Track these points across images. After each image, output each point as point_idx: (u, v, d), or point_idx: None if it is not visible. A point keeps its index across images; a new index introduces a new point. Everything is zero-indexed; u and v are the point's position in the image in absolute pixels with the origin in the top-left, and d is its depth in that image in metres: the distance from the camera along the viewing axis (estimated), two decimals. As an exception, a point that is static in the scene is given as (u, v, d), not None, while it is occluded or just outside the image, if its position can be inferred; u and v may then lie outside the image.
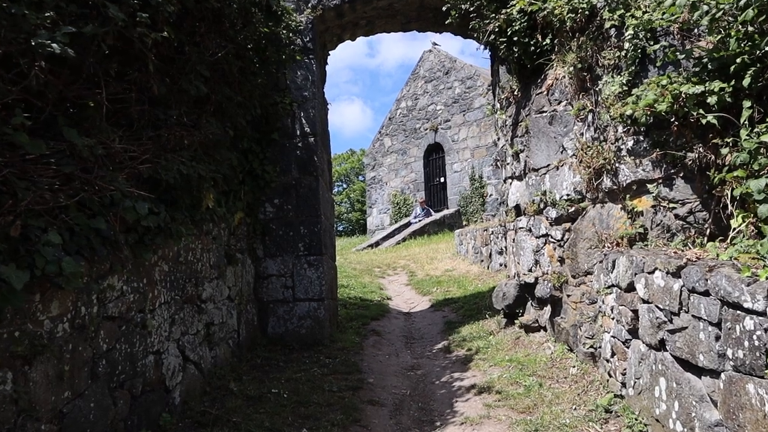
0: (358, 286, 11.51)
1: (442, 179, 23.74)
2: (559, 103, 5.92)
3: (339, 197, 56.65)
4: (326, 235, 7.43)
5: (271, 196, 7.20)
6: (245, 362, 6.12)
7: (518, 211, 6.82)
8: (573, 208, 5.62)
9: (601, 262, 4.96)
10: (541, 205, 6.14)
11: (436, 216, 22.27)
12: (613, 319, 4.61)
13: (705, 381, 3.19)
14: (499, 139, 7.64)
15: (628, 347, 4.28)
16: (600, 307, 5.00)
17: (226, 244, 6.13)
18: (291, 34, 7.03)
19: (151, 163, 4.01)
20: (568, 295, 5.73)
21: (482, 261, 12.43)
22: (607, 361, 4.73)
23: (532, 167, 6.37)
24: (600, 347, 5.02)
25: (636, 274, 4.03)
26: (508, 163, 7.11)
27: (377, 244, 21.62)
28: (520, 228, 6.67)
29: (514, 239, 6.94)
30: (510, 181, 7.08)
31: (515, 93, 7.03)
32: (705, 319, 3.12)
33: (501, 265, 11.22)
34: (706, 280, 3.10)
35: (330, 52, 8.65)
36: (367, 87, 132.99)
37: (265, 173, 7.12)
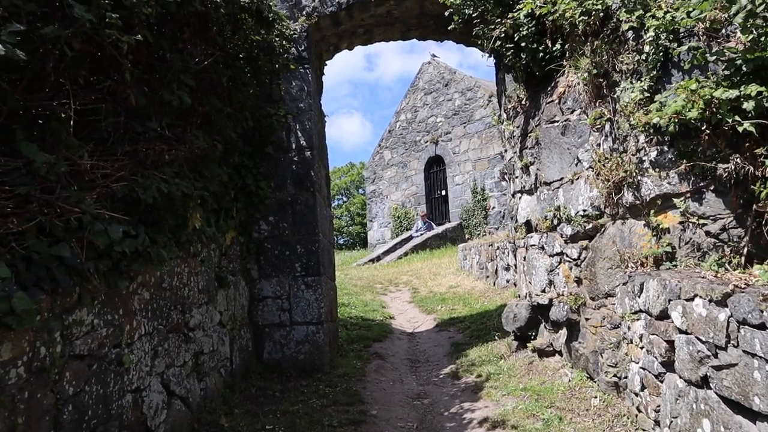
0: (359, 304, 11.07)
1: (443, 192, 23.34)
2: (572, 112, 5.53)
3: (339, 211, 56.30)
4: (325, 254, 7.01)
5: (265, 213, 6.79)
6: (238, 393, 5.67)
7: (529, 227, 6.40)
8: (590, 225, 5.21)
9: (625, 284, 4.53)
10: (555, 222, 5.72)
11: (438, 230, 21.86)
12: (642, 348, 4.18)
13: (761, 427, 2.76)
14: (506, 151, 7.24)
15: (661, 381, 3.84)
16: (624, 333, 4.56)
17: (217, 266, 5.71)
18: (285, 42, 6.65)
19: (126, 181, 3.60)
20: (587, 319, 5.30)
21: (488, 277, 12.00)
22: (636, 394, 4.28)
23: (543, 181, 5.96)
24: (626, 378, 4.58)
25: (670, 300, 3.60)
26: (516, 177, 6.71)
27: (378, 258, 21.18)
28: (531, 245, 6.25)
29: (525, 257, 6.52)
30: (519, 195, 6.67)
31: (523, 102, 6.64)
32: (761, 357, 2.70)
33: (508, 281, 10.79)
34: (761, 311, 2.68)
35: (327, 62, 8.28)
36: (366, 100, 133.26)
37: (259, 189, 6.72)
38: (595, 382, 5.12)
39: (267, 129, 6.77)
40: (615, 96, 4.91)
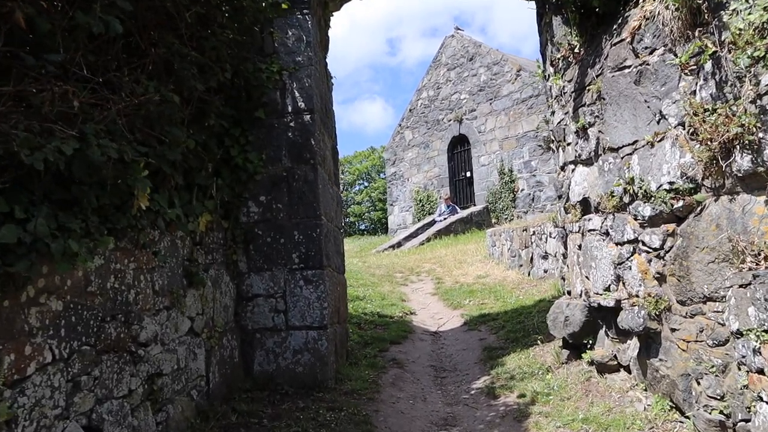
0: (376, 297, 9.79)
1: (468, 174, 21.88)
2: (651, 52, 4.13)
3: (360, 196, 55.15)
4: (329, 242, 5.72)
5: (255, 192, 5.52)
6: (214, 422, 4.41)
7: (586, 206, 5.03)
8: (680, 203, 3.83)
9: (743, 287, 3.17)
10: (626, 199, 4.35)
11: (462, 213, 20.46)
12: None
13: None
14: (553, 112, 5.84)
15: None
16: (742, 356, 3.19)
17: (187, 259, 4.45)
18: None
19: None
20: (673, 329, 3.94)
21: (521, 266, 10.62)
22: (771, 450, 2.94)
23: (608, 146, 4.58)
24: (745, 421, 3.22)
25: None
26: (568, 143, 5.33)
27: (399, 244, 19.90)
28: (590, 230, 4.89)
29: (580, 245, 5.14)
30: (572, 167, 5.29)
31: (576, 50, 5.25)
32: None
33: (545, 272, 9.41)
34: None
35: (333, 13, 6.92)
36: (388, 85, 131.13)
37: (247, 162, 5.44)
38: (689, 419, 3.76)
39: (256, 88, 5.46)
40: (721, 22, 3.51)
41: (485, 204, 20.61)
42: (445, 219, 20.52)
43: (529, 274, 10.14)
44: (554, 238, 8.86)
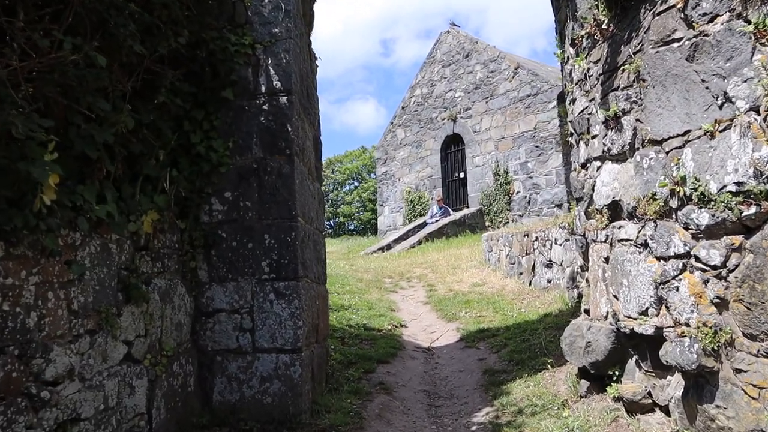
0: (363, 306, 8.91)
1: (461, 174, 21.06)
2: (712, 20, 3.28)
3: (350, 197, 54.34)
4: (306, 248, 4.83)
5: (220, 186, 4.63)
6: (155, 472, 3.53)
7: (616, 211, 4.18)
8: (753, 209, 2.98)
9: None
10: (673, 203, 3.50)
11: (455, 216, 19.63)
12: None
13: None
14: (574, 100, 4.99)
15: None
16: None
17: (124, 268, 3.56)
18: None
19: None
20: (739, 370, 3.09)
21: (521, 274, 9.78)
22: None
23: (649, 138, 3.73)
24: None
25: None
26: (593, 136, 4.47)
27: (389, 247, 19.03)
28: (621, 240, 4.03)
29: (606, 258, 4.28)
30: (597, 164, 4.44)
31: (604, 26, 4.40)
32: None
33: (549, 282, 8.58)
34: None
35: (320, -17, 6.04)
36: (381, 86, 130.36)
37: (211, 151, 4.56)
38: (765, 489, 2.92)
39: (224, 63, 4.57)
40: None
41: (479, 206, 19.81)
42: (437, 221, 19.70)
43: (530, 284, 9.30)
44: (560, 245, 8.03)
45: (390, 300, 9.92)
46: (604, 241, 4.31)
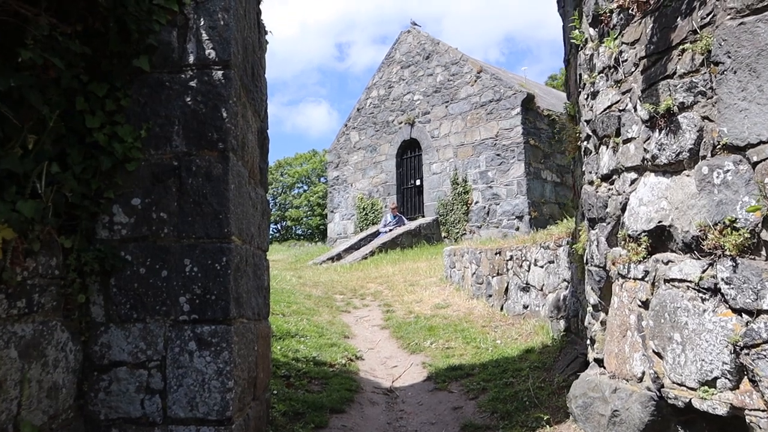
0: (312, 332, 7.67)
1: (417, 182, 20.06)
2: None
3: (298, 201, 52.96)
4: (244, 276, 3.60)
5: (126, 190, 3.35)
6: None
7: (661, 240, 3.14)
8: None
9: None
10: (767, 235, 2.48)
11: (410, 225, 18.61)
12: None
13: None
14: (594, 94, 3.93)
15: None
16: None
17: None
18: None
19: None
20: None
21: (490, 296, 8.75)
22: None
23: (725, 142, 2.70)
24: None
25: None
26: (628, 139, 3.42)
27: (339, 257, 17.84)
28: (671, 280, 2.98)
29: (645, 301, 3.23)
30: (631, 176, 3.40)
31: (642, -2, 3.38)
32: None
33: (525, 308, 7.57)
34: None
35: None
36: (335, 90, 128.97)
37: (115, 141, 3.28)
38: None
39: (137, 21, 3.30)
40: None
41: (435, 216, 18.86)
42: (390, 230, 18.62)
43: (501, 309, 8.28)
44: (542, 267, 7.02)
45: (342, 323, 8.72)
46: (642, 279, 3.26)
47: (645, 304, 3.21)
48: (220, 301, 3.25)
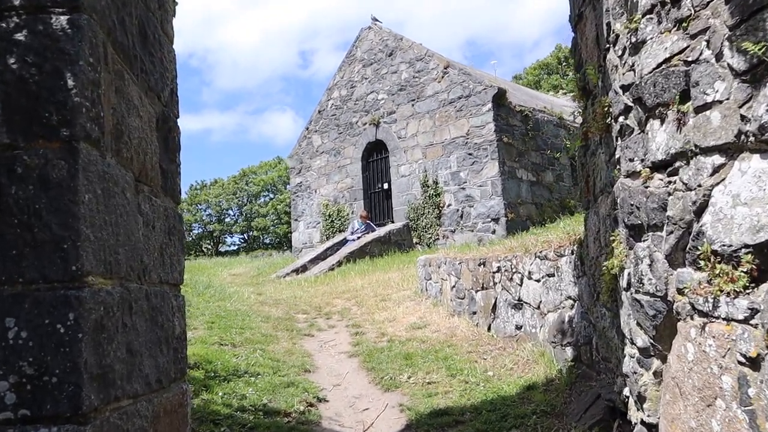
0: (265, 367, 6.37)
1: (385, 185, 18.90)
2: None
3: (264, 209, 51.57)
4: (119, 336, 2.32)
5: None
6: None
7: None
8: None
9: None
10: None
11: (379, 232, 17.44)
12: None
13: None
14: (637, 46, 2.74)
15: None
16: None
17: None
18: None
19: None
20: None
21: (474, 314, 7.57)
22: None
23: None
24: None
25: None
26: (705, 104, 2.24)
27: (305, 268, 16.56)
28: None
29: (754, 357, 2.06)
30: (714, 159, 2.23)
31: None
32: None
33: (518, 328, 6.40)
34: None
35: None
36: (299, 97, 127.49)
37: None
38: None
39: None
40: None
41: (405, 221, 17.70)
42: (358, 238, 17.40)
43: (489, 329, 7.09)
44: (538, 281, 5.86)
45: (304, 352, 7.43)
46: (745, 321, 2.09)
47: (754, 363, 2.04)
48: (65, 385, 1.97)
